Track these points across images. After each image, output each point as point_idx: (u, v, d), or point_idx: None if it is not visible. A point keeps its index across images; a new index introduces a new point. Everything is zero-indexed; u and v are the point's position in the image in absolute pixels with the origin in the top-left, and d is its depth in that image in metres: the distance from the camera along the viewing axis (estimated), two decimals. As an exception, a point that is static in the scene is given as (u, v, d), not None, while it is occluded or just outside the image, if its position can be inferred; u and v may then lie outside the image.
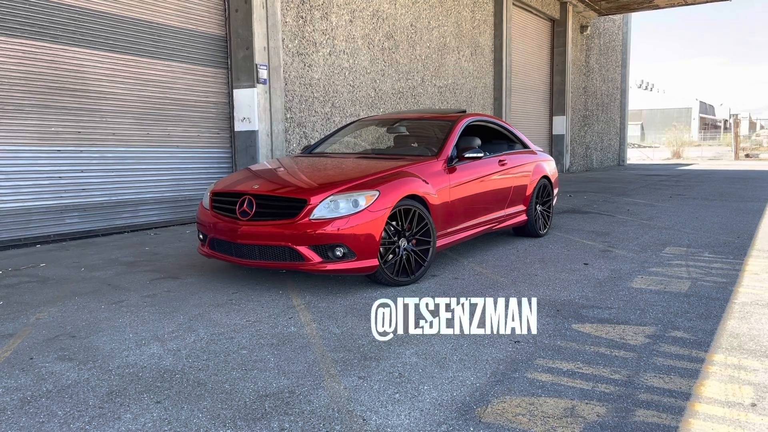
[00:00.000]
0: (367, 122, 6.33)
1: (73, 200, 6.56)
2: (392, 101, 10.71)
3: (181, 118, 7.63)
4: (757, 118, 76.98)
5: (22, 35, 6.01)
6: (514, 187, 5.94)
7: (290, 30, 8.45)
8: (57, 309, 3.82)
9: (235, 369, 2.81)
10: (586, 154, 19.99)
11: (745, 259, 5.21)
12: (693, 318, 3.54)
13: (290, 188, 4.41)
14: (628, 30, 22.91)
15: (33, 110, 6.16)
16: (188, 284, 4.43)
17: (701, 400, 2.46)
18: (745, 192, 11.34)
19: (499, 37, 13.98)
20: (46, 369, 2.83)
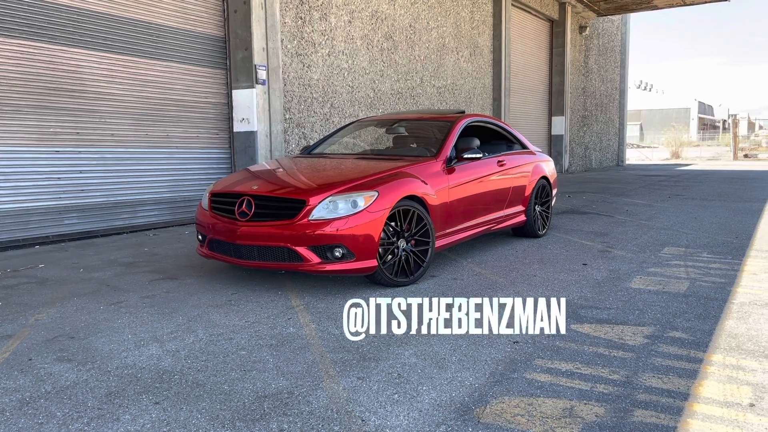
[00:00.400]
0: (366, 123, 6.34)
1: (71, 201, 6.55)
2: (391, 102, 10.71)
3: (179, 118, 7.63)
4: (756, 118, 77.07)
5: (20, 36, 6.01)
6: (513, 188, 5.94)
7: (289, 31, 8.45)
8: (56, 310, 3.82)
9: (234, 370, 2.81)
10: (585, 155, 20.00)
11: (744, 259, 5.21)
12: (691, 318, 3.55)
13: (289, 189, 4.42)
14: (626, 30, 22.94)
15: (31, 111, 6.16)
16: (187, 285, 4.43)
17: (699, 401, 2.46)
18: (743, 192, 11.35)
19: (498, 37, 13.99)
20: (44, 370, 2.83)
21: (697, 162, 26.30)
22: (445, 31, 12.19)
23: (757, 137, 47.49)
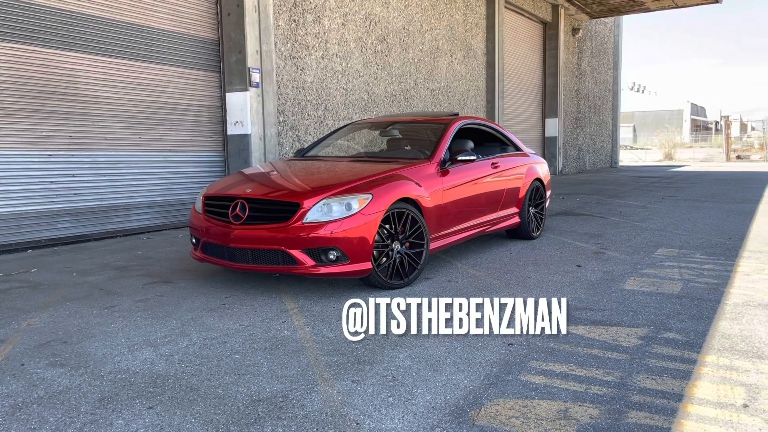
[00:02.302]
0: (360, 125, 6.34)
1: (64, 205, 6.52)
2: (385, 104, 10.72)
3: (173, 121, 7.61)
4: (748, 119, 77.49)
5: (12, 39, 5.99)
6: (507, 190, 5.95)
7: (283, 33, 8.45)
8: (48, 314, 3.80)
9: (228, 374, 2.80)
10: (578, 156, 20.07)
11: (737, 260, 5.24)
12: (685, 319, 3.56)
13: (283, 192, 4.41)
14: (619, 33, 23.05)
15: (24, 115, 6.13)
16: (181, 288, 4.42)
17: (693, 402, 2.47)
18: (736, 193, 11.41)
19: (492, 40, 14.04)
20: (37, 375, 2.81)
21: (690, 163, 26.44)
22: (439, 34, 12.22)
23: (750, 138, 47.79)
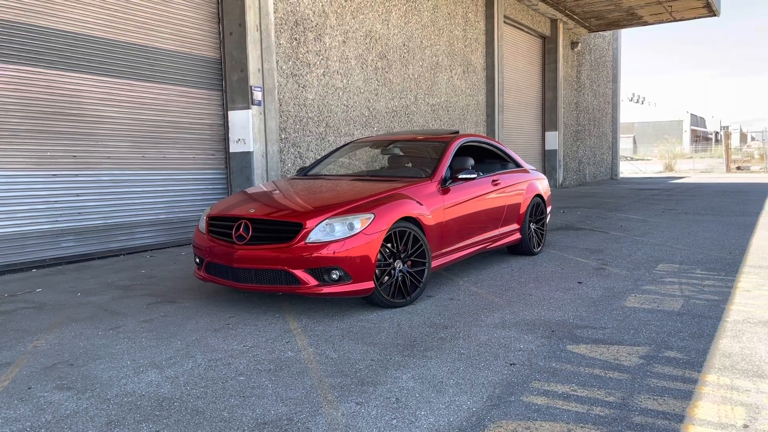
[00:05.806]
0: (362, 143, 6.40)
1: (68, 224, 6.57)
2: (386, 120, 10.80)
3: (176, 140, 7.68)
4: (747, 130, 77.70)
5: (18, 61, 6.07)
6: (508, 206, 5.99)
7: (284, 51, 8.54)
8: (54, 336, 3.83)
9: (233, 396, 2.82)
10: (579, 169, 20.13)
11: (737, 275, 5.26)
12: (686, 337, 3.58)
13: (286, 212, 4.45)
14: (618, 46, 23.22)
15: (29, 135, 6.20)
16: (185, 308, 4.45)
17: (695, 422, 2.49)
18: (736, 206, 11.44)
19: (491, 54, 14.15)
20: (44, 399, 2.84)
21: (690, 174, 26.47)
22: (439, 50, 12.32)
23: (750, 149, 47.85)
